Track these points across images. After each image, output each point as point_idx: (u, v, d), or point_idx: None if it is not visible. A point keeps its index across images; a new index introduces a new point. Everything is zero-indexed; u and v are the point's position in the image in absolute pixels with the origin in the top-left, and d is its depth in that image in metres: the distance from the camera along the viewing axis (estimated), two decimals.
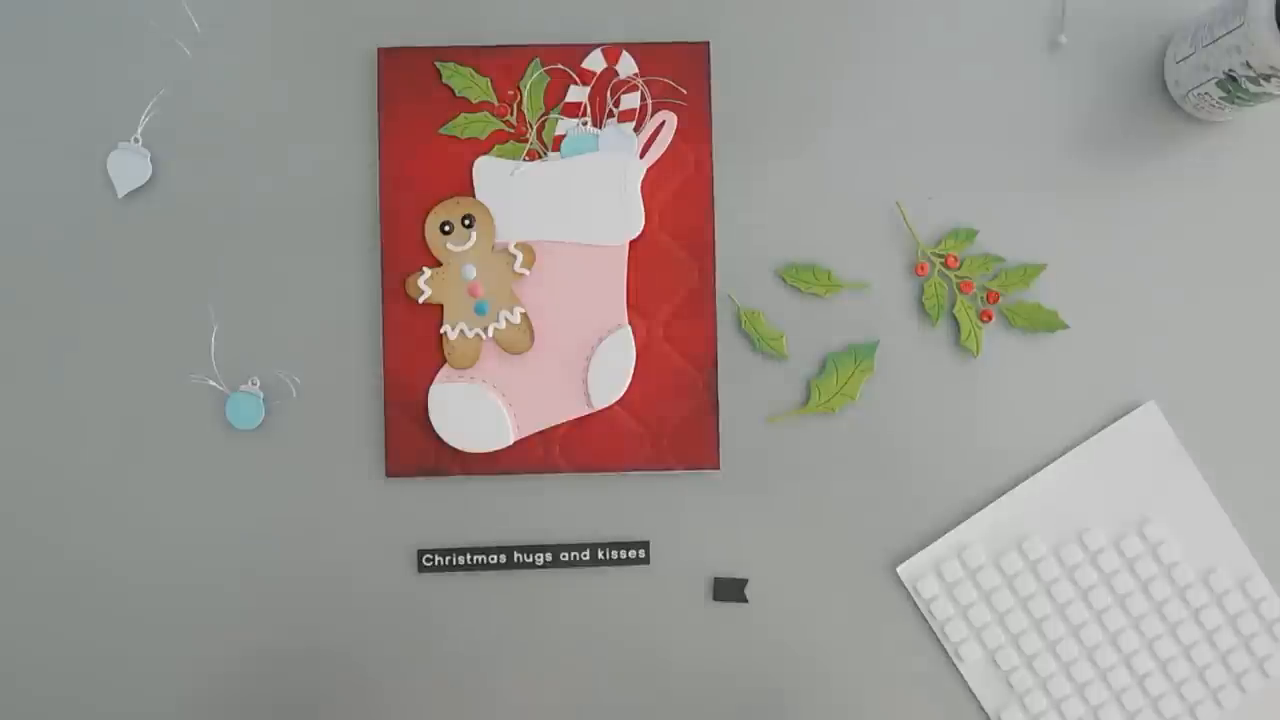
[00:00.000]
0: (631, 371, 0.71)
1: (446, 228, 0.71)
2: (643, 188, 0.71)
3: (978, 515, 0.72)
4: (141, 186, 0.72)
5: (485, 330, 0.71)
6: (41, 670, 0.71)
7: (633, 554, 0.72)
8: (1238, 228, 0.73)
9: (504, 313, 0.71)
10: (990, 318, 0.72)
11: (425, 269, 0.71)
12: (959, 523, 0.72)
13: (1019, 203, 0.73)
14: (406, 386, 0.71)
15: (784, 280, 0.72)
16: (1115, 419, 0.72)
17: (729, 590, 0.72)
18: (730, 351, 0.72)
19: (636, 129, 0.71)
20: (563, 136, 0.71)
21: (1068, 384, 0.72)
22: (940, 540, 0.72)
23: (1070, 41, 0.73)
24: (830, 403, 0.72)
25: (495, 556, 0.72)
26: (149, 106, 0.72)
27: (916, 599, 0.72)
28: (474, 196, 0.71)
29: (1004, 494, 0.72)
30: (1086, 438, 0.72)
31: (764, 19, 0.73)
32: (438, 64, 0.71)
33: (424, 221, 0.71)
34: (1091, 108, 0.73)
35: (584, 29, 0.73)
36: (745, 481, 0.72)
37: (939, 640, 0.72)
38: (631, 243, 0.71)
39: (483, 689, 0.72)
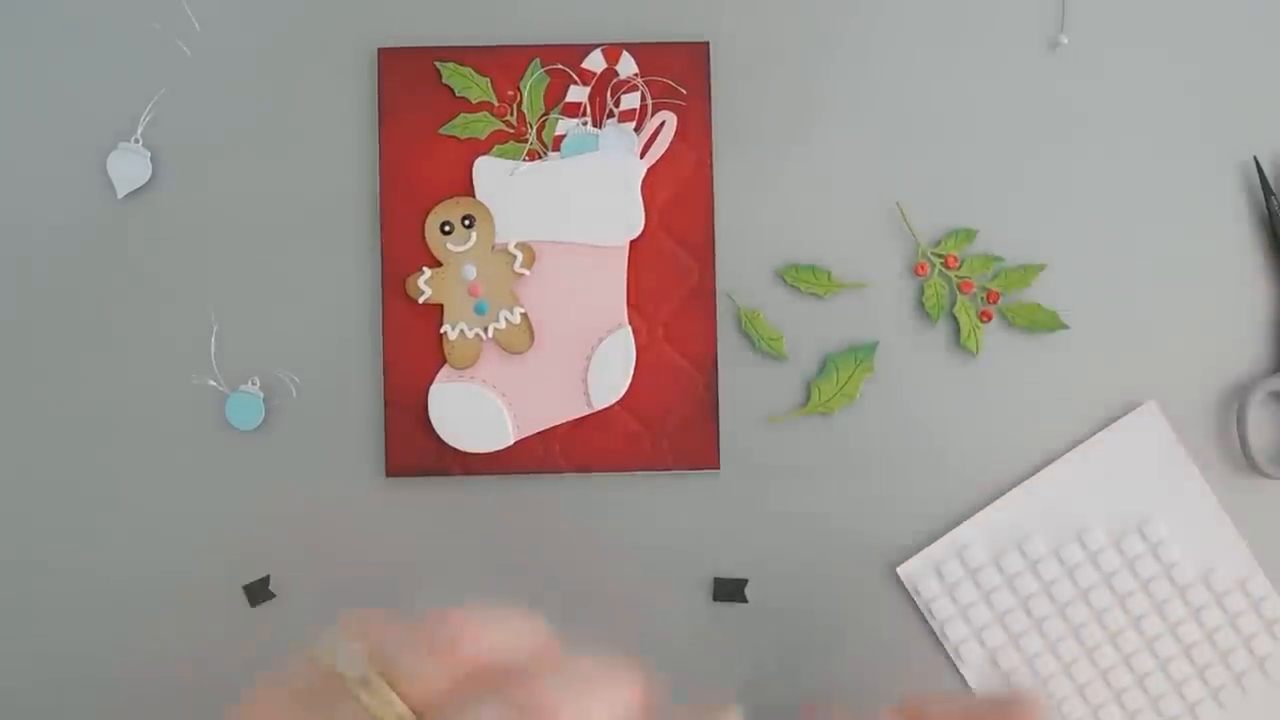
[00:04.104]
0: (631, 371, 0.71)
1: (446, 228, 0.71)
2: (643, 188, 0.71)
3: (978, 515, 0.72)
4: (141, 186, 0.72)
5: (485, 330, 0.71)
6: (39, 670, 0.71)
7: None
8: (1237, 227, 0.73)
9: (504, 313, 0.71)
10: (990, 318, 0.72)
11: (425, 269, 0.71)
12: (959, 523, 0.72)
13: (1019, 203, 0.73)
14: (406, 386, 0.71)
15: (784, 280, 0.72)
16: (1115, 419, 0.72)
17: (729, 590, 0.72)
18: (730, 351, 0.72)
19: (636, 129, 0.71)
20: (563, 136, 0.71)
21: (1068, 384, 0.72)
22: (940, 540, 0.72)
23: (1070, 41, 0.73)
24: (830, 403, 0.72)
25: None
26: (149, 106, 0.72)
27: (916, 599, 0.72)
28: (474, 196, 0.71)
29: (1004, 494, 0.72)
30: (1086, 438, 0.72)
31: (764, 19, 0.73)
32: (438, 64, 0.71)
33: (424, 221, 0.71)
34: (1090, 107, 0.73)
35: (584, 29, 0.73)
36: (745, 481, 0.72)
37: (939, 640, 0.72)
38: (631, 243, 0.71)
39: None
